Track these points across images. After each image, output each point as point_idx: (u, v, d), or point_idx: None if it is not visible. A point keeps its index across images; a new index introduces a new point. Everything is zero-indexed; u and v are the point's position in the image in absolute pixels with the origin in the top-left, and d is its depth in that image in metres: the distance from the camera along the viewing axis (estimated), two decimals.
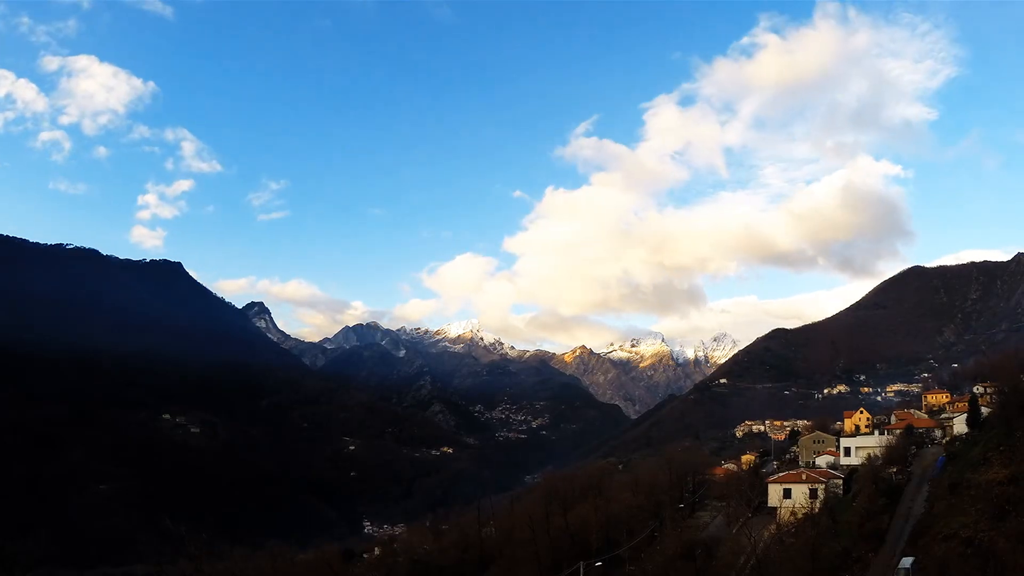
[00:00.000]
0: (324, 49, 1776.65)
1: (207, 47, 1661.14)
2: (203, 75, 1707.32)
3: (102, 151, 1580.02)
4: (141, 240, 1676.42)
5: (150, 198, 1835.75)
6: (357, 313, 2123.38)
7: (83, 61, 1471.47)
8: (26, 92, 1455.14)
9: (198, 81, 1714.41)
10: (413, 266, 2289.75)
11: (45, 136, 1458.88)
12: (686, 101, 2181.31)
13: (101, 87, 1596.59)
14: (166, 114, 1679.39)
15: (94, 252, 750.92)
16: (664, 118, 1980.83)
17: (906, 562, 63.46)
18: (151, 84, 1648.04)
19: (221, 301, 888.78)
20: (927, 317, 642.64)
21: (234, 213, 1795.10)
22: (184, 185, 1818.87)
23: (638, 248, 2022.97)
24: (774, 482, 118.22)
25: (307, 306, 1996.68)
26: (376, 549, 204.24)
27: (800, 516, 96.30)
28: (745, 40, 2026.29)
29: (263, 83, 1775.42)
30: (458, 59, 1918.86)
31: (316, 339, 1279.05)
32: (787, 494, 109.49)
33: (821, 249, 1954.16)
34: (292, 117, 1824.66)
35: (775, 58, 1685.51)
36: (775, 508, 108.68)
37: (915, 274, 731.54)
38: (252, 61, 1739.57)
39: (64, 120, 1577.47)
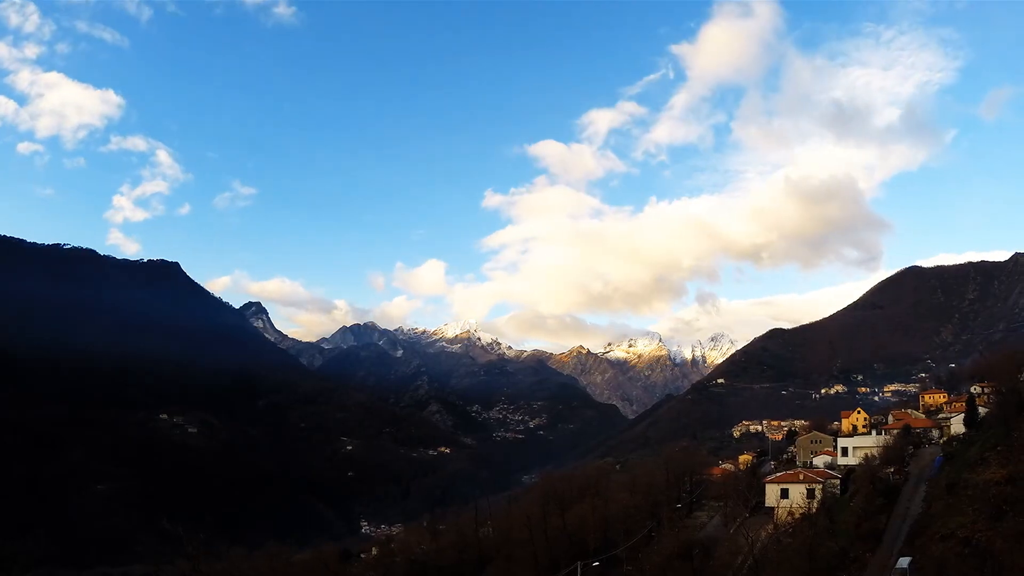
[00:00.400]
0: (280, 66, 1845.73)
1: (169, 64, 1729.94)
2: (169, 88, 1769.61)
3: (79, 161, 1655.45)
4: (118, 243, 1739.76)
5: (124, 202, 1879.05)
6: (341, 313, 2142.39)
7: (53, 77, 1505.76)
8: (6, 107, 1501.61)
9: (165, 94, 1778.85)
10: (390, 266, 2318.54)
11: (24, 147, 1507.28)
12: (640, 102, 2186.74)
13: (72, 101, 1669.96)
14: (138, 125, 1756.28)
15: (91, 252, 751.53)
16: (608, 119, 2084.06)
17: (903, 562, 63.49)
18: (119, 98, 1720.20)
19: (219, 301, 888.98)
20: (924, 317, 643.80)
21: (209, 215, 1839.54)
22: (159, 188, 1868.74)
23: (611, 247, 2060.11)
24: (771, 482, 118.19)
25: (292, 305, 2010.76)
26: (374, 549, 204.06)
27: (797, 516, 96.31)
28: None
29: (226, 94, 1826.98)
30: (414, 72, 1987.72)
31: (304, 338, 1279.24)
32: (784, 494, 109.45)
33: (803, 245, 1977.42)
34: (257, 125, 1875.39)
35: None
36: (772, 508, 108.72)
37: (912, 274, 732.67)
38: (216, 74, 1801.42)
39: (42, 133, 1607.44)
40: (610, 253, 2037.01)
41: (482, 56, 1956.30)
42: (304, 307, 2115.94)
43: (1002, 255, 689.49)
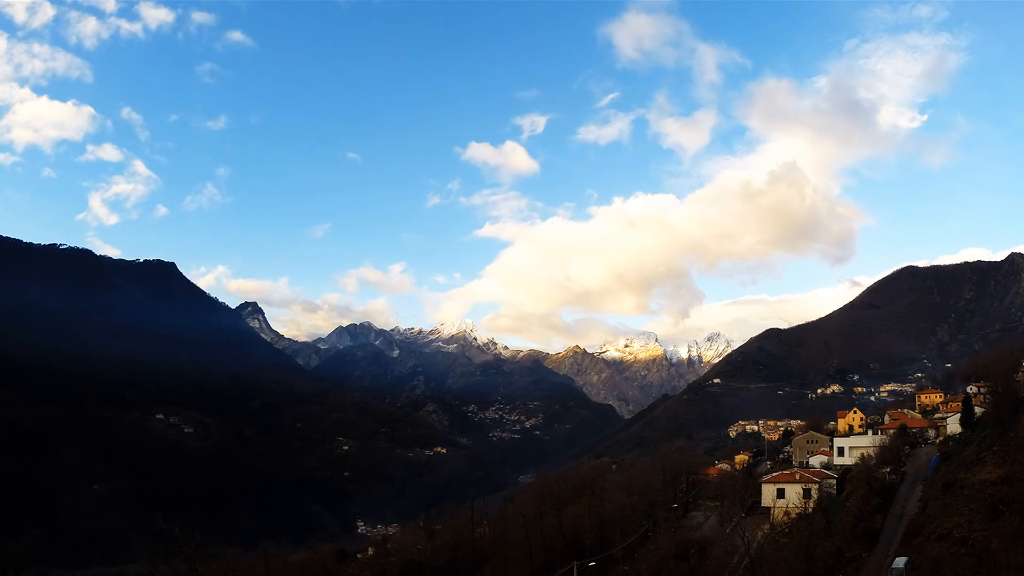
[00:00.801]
0: (235, 83, 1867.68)
1: (135, 81, 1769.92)
2: (137, 104, 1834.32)
3: (56, 170, 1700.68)
4: (95, 247, 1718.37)
5: (96, 206, 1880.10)
6: (324, 313, 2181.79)
7: (25, 92, 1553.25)
8: None
9: (135, 108, 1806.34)
10: (357, 267, 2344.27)
11: (3, 157, 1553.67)
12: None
13: (44, 116, 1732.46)
14: (112, 136, 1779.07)
15: (87, 252, 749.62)
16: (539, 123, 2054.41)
17: (900, 562, 63.50)
18: (91, 110, 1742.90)
19: (214, 301, 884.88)
20: (921, 317, 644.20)
21: (181, 219, 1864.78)
22: (134, 195, 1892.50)
23: (574, 247, 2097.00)
24: (768, 482, 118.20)
25: (274, 305, 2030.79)
26: (370, 549, 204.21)
27: (794, 516, 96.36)
28: None
29: (190, 109, 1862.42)
30: (362, 82, 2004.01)
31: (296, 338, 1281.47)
32: (781, 494, 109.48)
33: (766, 243, 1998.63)
34: (226, 136, 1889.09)
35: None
36: (769, 508, 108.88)
37: (909, 274, 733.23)
38: (177, 89, 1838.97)
39: (19, 145, 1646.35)
40: (574, 252, 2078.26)
41: (416, 66, 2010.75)
42: (286, 307, 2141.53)
43: (998, 255, 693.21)
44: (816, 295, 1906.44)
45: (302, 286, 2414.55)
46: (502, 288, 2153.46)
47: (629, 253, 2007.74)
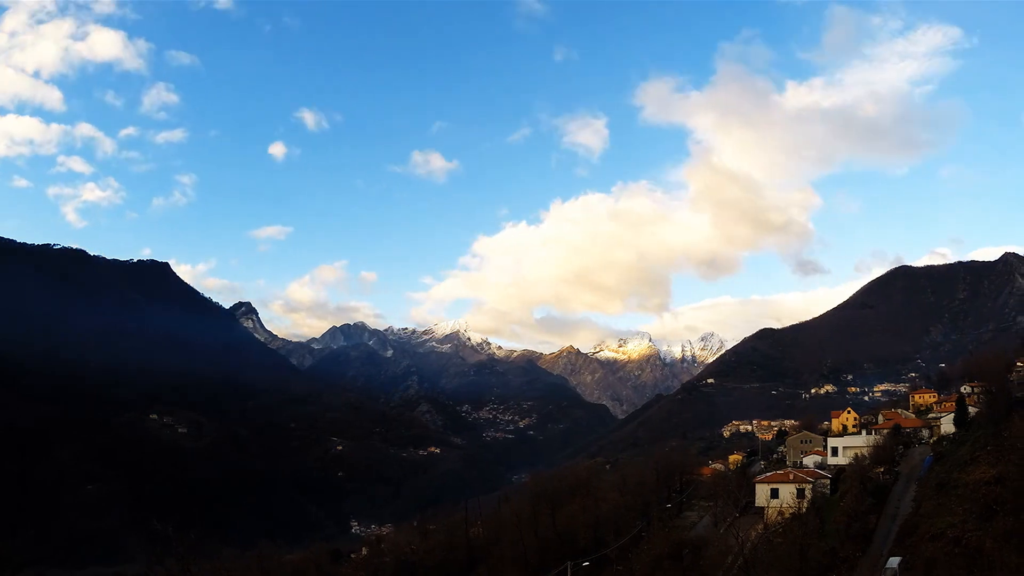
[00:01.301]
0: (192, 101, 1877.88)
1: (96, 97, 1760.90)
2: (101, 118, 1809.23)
3: (30, 180, 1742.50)
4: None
5: (68, 210, 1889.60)
6: (304, 312, 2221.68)
7: None
8: None
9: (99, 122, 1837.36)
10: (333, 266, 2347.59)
11: None
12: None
13: (11, 130, 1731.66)
14: (79, 149, 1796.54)
15: (82, 252, 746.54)
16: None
17: (893, 562, 63.66)
18: (56, 125, 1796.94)
19: (208, 301, 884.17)
20: (914, 317, 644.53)
21: (156, 222, 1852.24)
22: (102, 199, 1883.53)
23: (537, 246, 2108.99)
24: (761, 482, 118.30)
25: (260, 304, 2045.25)
26: (364, 549, 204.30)
27: (788, 516, 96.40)
28: None
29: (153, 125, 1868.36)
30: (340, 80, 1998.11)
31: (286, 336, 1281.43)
32: (774, 494, 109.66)
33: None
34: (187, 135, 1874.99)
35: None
36: (762, 508, 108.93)
37: (902, 274, 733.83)
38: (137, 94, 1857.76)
39: None
40: (532, 254, 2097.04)
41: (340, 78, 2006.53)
42: (265, 307, 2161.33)
43: (992, 254, 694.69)
44: (792, 296, 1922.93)
45: (279, 287, 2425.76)
46: (470, 290, 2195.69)
47: (583, 253, 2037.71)
